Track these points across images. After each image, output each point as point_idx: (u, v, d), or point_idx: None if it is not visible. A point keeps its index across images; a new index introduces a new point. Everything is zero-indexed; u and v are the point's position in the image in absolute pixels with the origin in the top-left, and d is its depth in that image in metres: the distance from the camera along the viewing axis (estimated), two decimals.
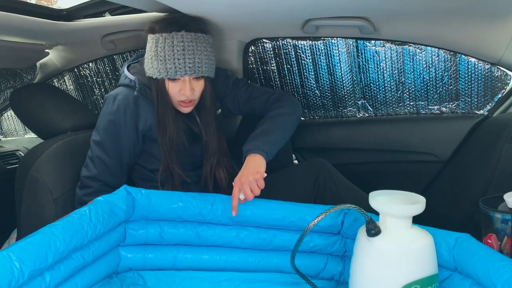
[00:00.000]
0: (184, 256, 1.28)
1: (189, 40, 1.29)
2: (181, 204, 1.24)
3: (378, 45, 1.64)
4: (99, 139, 1.38)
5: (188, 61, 1.28)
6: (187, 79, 1.31)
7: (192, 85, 1.32)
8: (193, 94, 1.33)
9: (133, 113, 1.36)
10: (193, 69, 1.29)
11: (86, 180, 1.39)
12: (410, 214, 0.95)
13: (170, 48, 1.28)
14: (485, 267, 0.90)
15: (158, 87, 1.34)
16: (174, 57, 1.28)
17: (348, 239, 1.25)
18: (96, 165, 1.38)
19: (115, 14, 1.60)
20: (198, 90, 1.35)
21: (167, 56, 1.28)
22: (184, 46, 1.28)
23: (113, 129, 1.36)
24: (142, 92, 1.37)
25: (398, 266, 0.92)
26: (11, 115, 2.41)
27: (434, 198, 1.57)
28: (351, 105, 1.79)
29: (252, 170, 1.23)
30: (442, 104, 1.69)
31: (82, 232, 1.04)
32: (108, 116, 1.37)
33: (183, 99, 1.34)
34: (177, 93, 1.33)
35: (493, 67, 1.57)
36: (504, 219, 1.06)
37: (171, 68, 1.28)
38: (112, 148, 1.37)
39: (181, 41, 1.28)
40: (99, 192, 1.33)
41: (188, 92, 1.31)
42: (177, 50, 1.27)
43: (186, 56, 1.28)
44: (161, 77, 1.31)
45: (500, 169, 1.38)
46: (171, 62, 1.28)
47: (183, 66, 1.28)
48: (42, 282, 0.95)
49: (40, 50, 1.81)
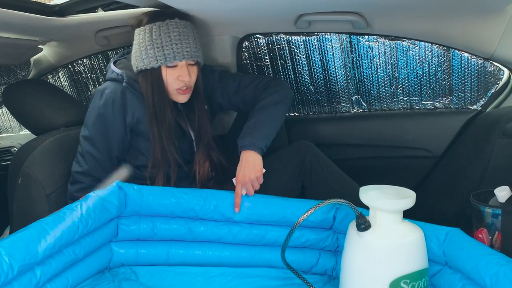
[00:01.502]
0: (176, 251, 1.28)
1: (183, 26, 1.32)
2: (174, 200, 1.24)
3: (372, 40, 1.63)
4: (89, 134, 1.38)
5: (186, 45, 1.31)
6: (185, 64, 1.33)
7: (189, 70, 1.34)
8: (190, 80, 1.35)
9: (121, 106, 1.36)
10: (190, 53, 1.31)
11: (78, 176, 1.39)
12: (400, 209, 0.95)
13: (166, 35, 1.29)
14: (474, 261, 0.91)
15: (153, 78, 1.34)
16: (171, 42, 1.30)
17: (341, 234, 1.25)
18: (87, 160, 1.38)
19: (108, 10, 1.59)
20: (194, 76, 1.37)
21: (164, 43, 1.29)
22: (179, 31, 1.30)
23: (101, 123, 1.36)
24: (130, 84, 1.37)
25: (388, 260, 0.93)
26: (6, 112, 2.40)
27: (428, 193, 1.58)
28: (345, 101, 1.79)
29: (251, 168, 1.28)
30: (435, 99, 1.69)
31: (73, 227, 1.04)
32: (96, 111, 1.36)
33: (181, 86, 1.34)
34: (175, 81, 1.33)
35: (486, 62, 1.57)
36: (495, 213, 1.06)
37: (170, 54, 1.30)
38: (101, 142, 1.37)
39: (176, 27, 1.31)
40: (91, 187, 1.34)
41: (187, 77, 1.33)
42: (173, 35, 1.30)
43: (183, 41, 1.30)
44: (158, 65, 1.31)
45: (493, 163, 1.38)
46: (169, 48, 1.29)
47: (181, 50, 1.30)
48: (33, 277, 0.95)
49: (34, 46, 1.80)
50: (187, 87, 1.35)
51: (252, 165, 1.28)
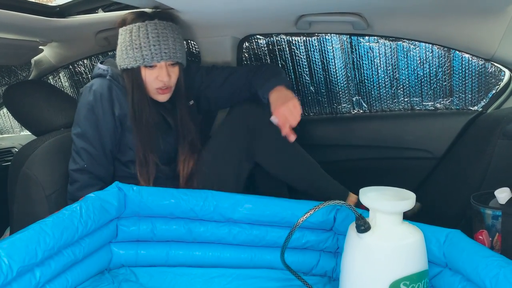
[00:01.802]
0: (176, 252, 1.28)
1: (162, 28, 1.34)
2: (173, 201, 1.24)
3: (372, 41, 1.63)
4: (81, 131, 1.39)
5: (164, 47, 1.33)
6: (164, 64, 1.35)
7: (169, 71, 1.36)
8: (170, 80, 1.37)
9: (109, 99, 1.39)
10: (168, 54, 1.34)
11: (75, 174, 1.39)
12: (400, 210, 0.94)
13: (145, 35, 1.32)
14: (474, 263, 0.90)
15: (133, 77, 1.37)
16: (149, 43, 1.32)
17: (341, 235, 1.25)
18: (83, 156, 1.39)
19: (108, 11, 1.59)
20: (174, 76, 1.39)
21: (142, 44, 1.32)
22: (158, 33, 1.33)
23: (92, 118, 1.39)
24: (114, 78, 1.40)
25: (387, 262, 0.92)
26: (6, 113, 2.41)
27: (428, 194, 1.58)
28: (345, 102, 1.79)
29: (284, 99, 1.30)
30: (436, 100, 1.69)
31: (73, 228, 1.04)
32: (86, 106, 1.39)
33: (160, 86, 1.37)
34: (154, 80, 1.36)
35: (487, 63, 1.56)
36: (495, 215, 1.06)
37: (148, 55, 1.33)
38: (94, 136, 1.39)
39: (155, 28, 1.33)
40: (90, 186, 1.36)
41: (165, 78, 1.35)
42: (152, 37, 1.32)
43: (161, 42, 1.33)
44: (137, 65, 1.34)
45: (494, 165, 1.38)
46: (147, 48, 1.32)
47: (159, 52, 1.32)
48: (32, 278, 0.95)
49: (34, 47, 1.81)
50: (166, 87, 1.38)
51: (283, 96, 1.31)
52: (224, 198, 1.26)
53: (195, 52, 1.81)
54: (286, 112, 1.27)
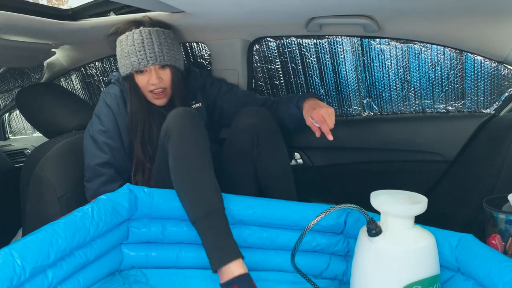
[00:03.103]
0: (186, 254, 1.28)
1: (147, 34, 1.41)
2: None
3: (383, 44, 1.62)
4: (104, 128, 1.47)
5: (148, 51, 1.40)
6: (153, 68, 1.42)
7: (158, 74, 1.42)
8: (162, 82, 1.43)
9: (122, 99, 1.49)
10: (154, 58, 1.40)
11: (100, 168, 1.44)
12: (412, 214, 0.94)
13: (131, 43, 1.41)
14: (487, 268, 0.89)
15: (130, 83, 1.46)
16: (135, 50, 1.40)
17: (351, 238, 1.24)
18: (106, 150, 1.46)
19: (120, 14, 1.61)
20: (166, 78, 1.44)
21: (130, 51, 1.41)
22: (142, 39, 1.40)
23: (111, 115, 1.48)
24: (119, 82, 1.51)
25: (399, 266, 0.92)
26: (19, 114, 2.43)
27: (440, 198, 1.56)
28: (356, 104, 1.78)
29: (322, 105, 1.38)
30: (448, 103, 1.67)
31: (85, 230, 1.05)
32: (105, 106, 1.50)
33: (152, 89, 1.43)
34: (147, 85, 1.43)
35: (500, 66, 1.55)
36: (509, 219, 1.04)
37: (135, 61, 1.40)
38: (114, 132, 1.48)
39: (139, 35, 1.41)
40: (115, 180, 1.44)
41: (155, 80, 1.41)
42: (137, 43, 1.40)
43: (146, 48, 1.40)
44: (129, 72, 1.43)
45: (506, 168, 1.36)
46: (133, 55, 1.40)
47: (144, 57, 1.40)
48: (45, 279, 0.96)
49: (47, 50, 1.83)
50: (161, 91, 1.44)
51: (319, 104, 1.39)
52: (234, 200, 1.26)
53: (206, 55, 1.82)
54: (324, 114, 1.34)
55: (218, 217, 1.16)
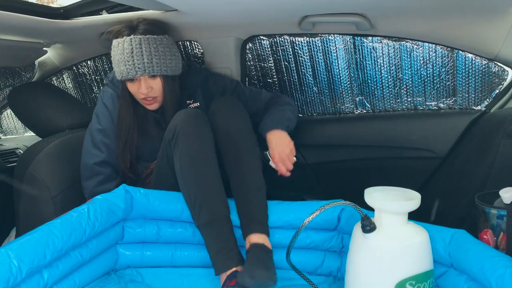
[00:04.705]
0: (181, 253, 1.29)
1: (136, 43, 1.37)
2: (179, 205, 1.25)
3: (376, 42, 1.63)
4: (101, 127, 1.48)
5: (137, 62, 1.36)
6: (142, 78, 1.39)
7: (148, 84, 1.40)
8: (152, 91, 1.41)
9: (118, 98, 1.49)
10: (142, 69, 1.36)
11: (97, 167, 1.44)
12: (405, 211, 0.95)
13: (121, 52, 1.38)
14: (479, 263, 0.91)
15: (123, 87, 1.46)
16: (124, 59, 1.37)
17: (346, 234, 1.25)
18: (102, 149, 1.46)
19: (112, 12, 1.60)
20: (157, 87, 1.42)
21: (120, 60, 1.38)
22: (132, 49, 1.36)
23: (107, 114, 1.49)
24: (113, 82, 1.51)
25: (393, 262, 0.93)
26: (10, 114, 2.41)
27: (432, 194, 1.58)
28: (348, 102, 1.79)
29: (282, 144, 1.37)
30: (439, 100, 1.69)
31: (81, 230, 1.05)
32: (102, 105, 1.51)
33: (142, 97, 1.42)
34: (137, 92, 1.42)
35: (490, 63, 1.56)
36: (500, 214, 1.06)
37: (124, 70, 1.38)
38: (111, 131, 1.48)
39: (129, 44, 1.37)
40: (112, 179, 1.44)
41: (144, 91, 1.40)
42: (126, 53, 1.37)
43: (135, 58, 1.36)
44: (120, 78, 1.41)
45: (498, 164, 1.38)
46: (122, 64, 1.38)
47: (132, 67, 1.36)
48: (40, 280, 0.96)
49: (38, 49, 1.81)
50: (152, 98, 1.42)
51: (281, 141, 1.37)
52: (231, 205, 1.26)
53: (199, 53, 1.81)
54: (281, 155, 1.35)
55: (223, 223, 1.20)
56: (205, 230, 1.19)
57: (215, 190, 1.21)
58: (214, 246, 1.18)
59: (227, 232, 1.19)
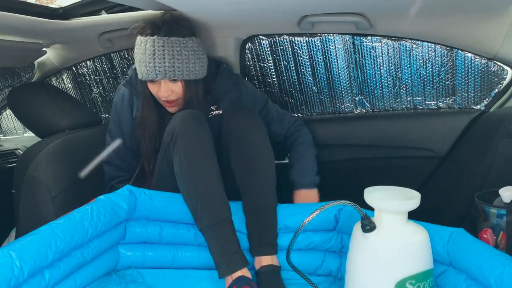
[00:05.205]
0: (183, 254, 1.29)
1: (159, 45, 1.31)
2: (183, 208, 1.24)
3: (375, 41, 1.64)
4: (109, 128, 1.52)
5: (158, 65, 1.31)
6: (163, 81, 1.35)
7: (169, 87, 1.35)
8: (172, 94, 1.37)
9: (129, 101, 1.49)
10: (163, 73, 1.32)
11: (104, 166, 1.50)
12: (405, 210, 0.95)
13: (143, 52, 1.33)
14: (478, 262, 0.91)
15: (144, 86, 1.42)
16: (146, 61, 1.32)
17: (345, 234, 1.25)
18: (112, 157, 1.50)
19: (111, 12, 1.60)
20: (178, 90, 1.37)
21: (141, 60, 1.34)
22: (154, 51, 1.31)
23: (115, 115, 1.51)
24: (130, 82, 1.48)
25: (393, 261, 0.93)
26: (10, 114, 2.41)
27: (432, 193, 1.58)
28: (348, 101, 1.79)
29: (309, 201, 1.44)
30: (439, 100, 1.69)
31: (83, 230, 1.05)
32: (113, 105, 1.53)
33: (163, 100, 1.39)
34: (157, 94, 1.39)
35: (490, 62, 1.57)
36: (499, 213, 1.06)
37: (144, 72, 1.34)
38: (117, 134, 1.51)
39: (152, 45, 1.31)
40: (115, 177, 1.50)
41: (163, 94, 1.36)
42: (148, 54, 1.31)
43: (156, 61, 1.31)
44: (140, 78, 1.37)
45: (497, 164, 1.38)
46: (144, 65, 1.33)
47: (153, 70, 1.32)
48: (42, 280, 0.96)
49: (38, 49, 1.81)
50: (173, 101, 1.38)
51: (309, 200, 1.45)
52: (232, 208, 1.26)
53: None
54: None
55: (225, 226, 1.18)
56: (208, 233, 1.18)
57: (216, 192, 1.19)
58: (217, 249, 1.17)
59: (230, 234, 1.18)
